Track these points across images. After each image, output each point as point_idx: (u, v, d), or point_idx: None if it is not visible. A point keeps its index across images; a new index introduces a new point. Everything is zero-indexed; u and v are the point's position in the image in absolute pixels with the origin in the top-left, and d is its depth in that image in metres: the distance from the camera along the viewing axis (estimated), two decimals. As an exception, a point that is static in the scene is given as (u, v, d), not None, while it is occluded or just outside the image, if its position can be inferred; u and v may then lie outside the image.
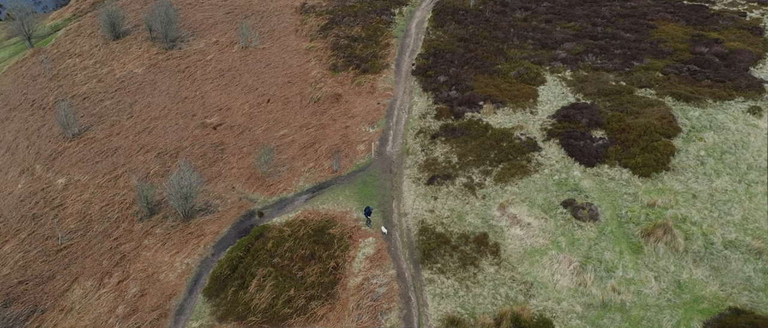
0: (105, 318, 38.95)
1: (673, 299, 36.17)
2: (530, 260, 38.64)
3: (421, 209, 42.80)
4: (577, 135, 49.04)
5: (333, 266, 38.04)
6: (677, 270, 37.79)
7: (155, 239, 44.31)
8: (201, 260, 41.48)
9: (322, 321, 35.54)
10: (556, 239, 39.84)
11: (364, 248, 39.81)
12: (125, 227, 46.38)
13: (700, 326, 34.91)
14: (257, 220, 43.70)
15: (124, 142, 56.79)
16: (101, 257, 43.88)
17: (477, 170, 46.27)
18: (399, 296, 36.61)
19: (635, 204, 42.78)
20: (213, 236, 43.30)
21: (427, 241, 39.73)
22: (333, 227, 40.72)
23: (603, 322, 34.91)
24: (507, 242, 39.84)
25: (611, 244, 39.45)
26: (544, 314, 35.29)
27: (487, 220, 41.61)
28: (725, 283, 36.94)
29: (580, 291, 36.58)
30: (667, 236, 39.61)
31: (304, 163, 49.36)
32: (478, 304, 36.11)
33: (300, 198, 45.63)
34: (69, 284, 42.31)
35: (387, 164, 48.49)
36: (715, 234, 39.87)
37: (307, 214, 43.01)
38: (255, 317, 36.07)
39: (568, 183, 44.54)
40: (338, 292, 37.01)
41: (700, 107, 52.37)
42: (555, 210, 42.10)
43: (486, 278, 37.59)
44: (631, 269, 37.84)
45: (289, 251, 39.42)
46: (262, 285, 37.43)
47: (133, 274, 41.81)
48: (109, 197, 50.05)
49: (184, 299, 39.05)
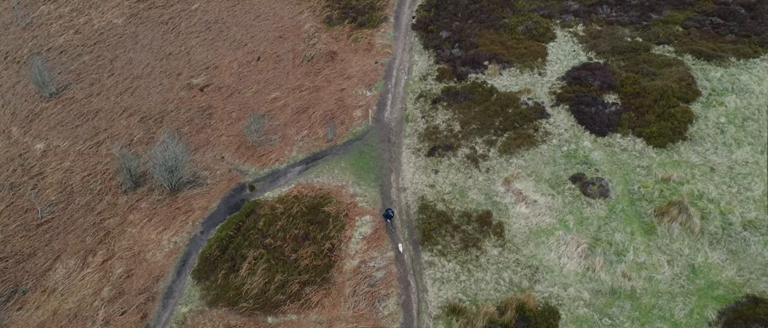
0: (90, 301, 37.78)
1: (686, 285, 34.82)
2: (536, 241, 37.04)
3: (421, 184, 40.82)
4: (588, 100, 46.38)
5: (328, 247, 36.47)
6: (692, 253, 36.25)
7: (141, 214, 42.58)
8: (189, 238, 39.90)
9: (316, 308, 34.34)
10: (564, 218, 38.10)
11: (360, 226, 38.14)
12: (109, 200, 44.53)
13: (714, 315, 33.68)
14: (248, 194, 41.80)
15: (105, 104, 54.07)
16: (84, 232, 42.29)
17: (480, 140, 43.95)
18: (397, 280, 35.27)
19: (649, 178, 40.76)
20: (201, 211, 41.52)
21: (428, 220, 38.00)
22: (328, 204, 38.86)
23: (611, 311, 33.69)
24: (511, 220, 38.11)
25: (622, 224, 37.73)
26: (550, 301, 34.04)
27: (490, 196, 39.72)
28: (743, 268, 35.48)
29: (588, 276, 35.18)
30: (682, 216, 37.84)
31: (298, 130, 46.92)
32: (480, 290, 34.79)
33: (293, 170, 43.54)
34: (51, 262, 40.93)
35: (385, 132, 46.09)
36: (734, 213, 38.07)
37: (300, 188, 41.05)
38: (246, 302, 34.82)
39: (578, 155, 42.35)
40: (334, 276, 35.60)
41: (723, 67, 49.34)
42: (563, 185, 40.12)
43: (489, 261, 36.10)
44: (643, 252, 36.28)
45: (282, 230, 37.72)
46: (253, 268, 35.95)
47: (119, 252, 40.34)
48: (90, 165, 47.96)
49: (173, 281, 37.75)
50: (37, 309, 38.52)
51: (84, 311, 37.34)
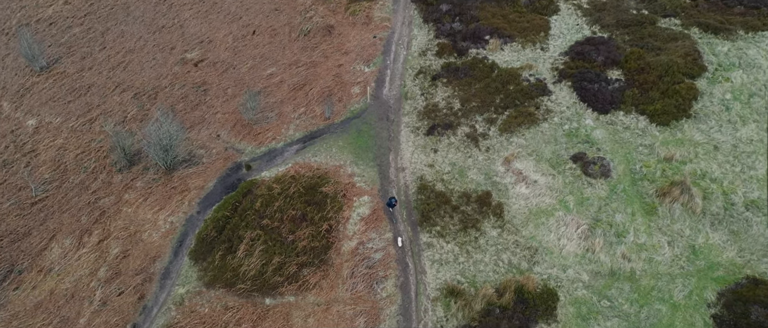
0: (86, 281, 38.03)
1: (686, 266, 35.05)
2: (535, 222, 37.13)
3: (420, 164, 40.69)
4: (591, 76, 45.95)
5: (326, 228, 36.57)
6: (693, 234, 36.39)
7: (136, 194, 42.55)
8: (186, 219, 39.97)
9: (314, 290, 34.60)
10: (564, 199, 38.12)
11: (358, 207, 38.17)
12: (103, 178, 44.44)
13: (713, 296, 34.02)
14: (244, 173, 41.70)
15: (98, 79, 53.50)
16: (79, 212, 42.32)
17: (481, 118, 43.67)
18: (396, 262, 35.46)
19: (651, 158, 40.67)
20: (198, 191, 41.50)
21: (426, 200, 38.01)
22: (326, 185, 38.81)
23: (610, 292, 33.99)
24: (511, 201, 38.13)
25: (623, 204, 37.77)
26: (549, 283, 34.30)
27: (490, 176, 39.66)
28: (744, 249, 35.66)
29: (587, 258, 35.38)
30: (684, 196, 37.84)
31: (294, 108, 46.56)
32: (479, 271, 35.02)
33: (290, 149, 43.35)
34: (46, 241, 41.05)
35: (384, 110, 45.75)
36: (737, 193, 38.07)
37: (297, 168, 40.94)
38: (244, 284, 35.07)
39: (579, 134, 42.14)
40: (332, 257, 35.79)
41: (730, 40, 48.73)
42: (563, 165, 40.03)
43: (488, 242, 36.25)
44: (644, 233, 36.41)
45: (279, 211, 37.76)
46: (250, 250, 36.12)
47: (115, 232, 40.45)
48: (84, 143, 47.73)
49: (170, 262, 37.95)
50: (33, 289, 38.79)
51: (81, 292, 37.61)
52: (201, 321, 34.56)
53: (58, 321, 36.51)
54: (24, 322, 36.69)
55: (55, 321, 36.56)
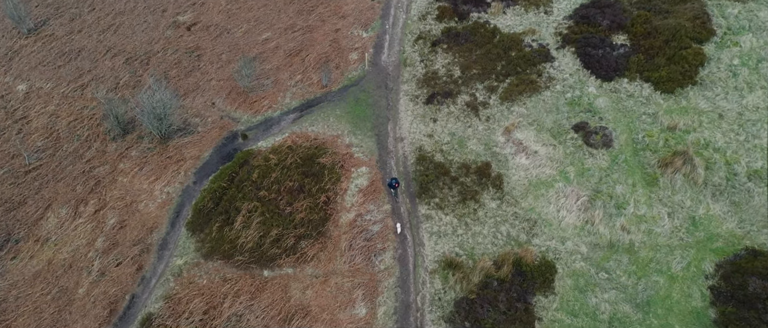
0: (84, 251, 38.55)
1: (685, 238, 35.45)
2: (535, 193, 37.38)
3: (418, 134, 40.66)
4: (595, 42, 45.41)
5: (323, 200, 36.84)
6: (693, 205, 36.67)
7: (131, 163, 42.69)
8: (182, 189, 40.23)
9: (312, 262, 35.13)
10: (565, 170, 38.27)
11: (356, 178, 38.35)
12: (97, 147, 44.51)
13: (711, 267, 34.50)
14: (241, 143, 41.73)
15: (88, 43, 52.88)
16: (74, 181, 42.55)
17: (481, 86, 43.39)
18: (394, 234, 35.81)
19: (654, 127, 40.60)
20: (193, 161, 41.62)
21: (425, 171, 38.16)
22: (323, 155, 38.88)
23: (608, 264, 34.51)
24: (511, 172, 38.29)
25: (624, 175, 37.93)
26: (547, 255, 34.78)
27: (490, 146, 39.69)
28: (744, 219, 35.97)
29: (586, 230, 35.77)
30: (686, 167, 37.96)
31: (291, 75, 46.17)
32: (477, 244, 35.48)
33: (287, 118, 43.23)
34: (42, 211, 41.42)
35: (382, 78, 45.40)
36: (740, 162, 38.15)
37: (294, 137, 40.93)
38: (242, 256, 35.59)
39: (582, 102, 41.95)
40: (329, 229, 36.19)
41: (741, 2, 47.88)
42: (565, 135, 40.02)
43: (487, 214, 36.59)
44: (644, 204, 36.69)
45: (276, 182, 37.96)
46: (248, 222, 36.48)
47: (111, 202, 40.77)
48: (76, 110, 47.58)
49: (167, 233, 38.39)
50: (31, 258, 39.36)
51: (79, 262, 38.18)
52: (199, 292, 35.19)
53: (56, 291, 37.17)
54: (23, 291, 37.37)
55: (53, 291, 37.22)
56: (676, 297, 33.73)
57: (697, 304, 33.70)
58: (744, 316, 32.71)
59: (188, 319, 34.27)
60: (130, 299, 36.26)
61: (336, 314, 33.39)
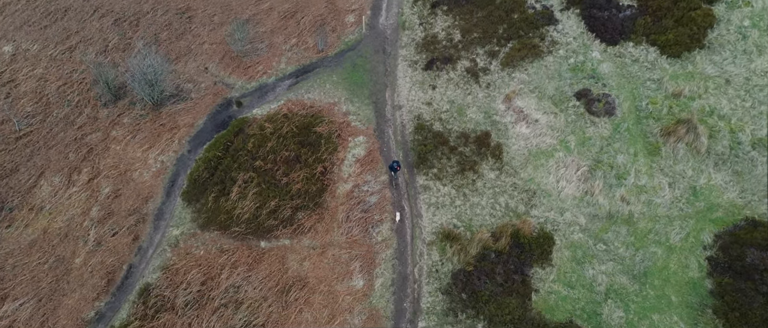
0: (79, 220, 39.07)
1: (685, 208, 35.94)
2: (535, 163, 37.66)
3: (417, 101, 40.60)
4: (601, 3, 44.76)
5: (320, 171, 37.14)
6: (695, 175, 37.01)
7: (124, 130, 42.75)
8: (176, 158, 40.45)
9: (309, 233, 35.72)
10: (565, 139, 38.43)
11: (353, 148, 38.55)
12: (89, 113, 44.44)
13: (710, 238, 35.11)
14: (235, 110, 41.71)
15: (74, 2, 52.00)
16: (66, 148, 42.71)
17: (482, 51, 43.02)
18: (392, 205, 36.38)
19: (658, 93, 40.53)
20: (187, 129, 41.68)
21: (423, 141, 38.31)
22: (320, 124, 38.93)
23: (607, 236, 35.11)
24: (510, 141, 38.46)
25: (626, 144, 38.13)
26: (545, 226, 35.35)
27: (490, 115, 39.71)
28: (746, 189, 36.35)
29: (585, 201, 36.22)
30: (690, 135, 38.12)
31: (286, 38, 45.66)
32: (475, 215, 35.99)
33: (282, 84, 43.03)
34: (35, 179, 41.73)
35: (380, 42, 44.93)
36: (745, 130, 38.27)
37: (290, 105, 40.88)
38: (238, 227, 36.14)
39: (585, 68, 41.71)
40: (326, 200, 36.63)
41: (754, -41, 46.80)
42: (567, 102, 39.99)
43: (485, 185, 36.97)
44: (645, 174, 37.03)
45: (272, 152, 38.17)
46: (244, 193, 36.88)
47: (104, 171, 41.05)
48: (65, 74, 47.25)
49: (162, 203, 38.83)
50: (26, 227, 39.91)
51: (74, 231, 38.76)
52: (197, 263, 35.90)
53: (53, 260, 37.86)
54: (19, 260, 38.07)
55: (50, 260, 37.91)
56: (674, 268, 34.47)
57: (694, 275, 34.47)
58: (740, 287, 33.50)
59: (186, 290, 35.07)
60: (127, 269, 36.99)
61: (333, 285, 34.18)
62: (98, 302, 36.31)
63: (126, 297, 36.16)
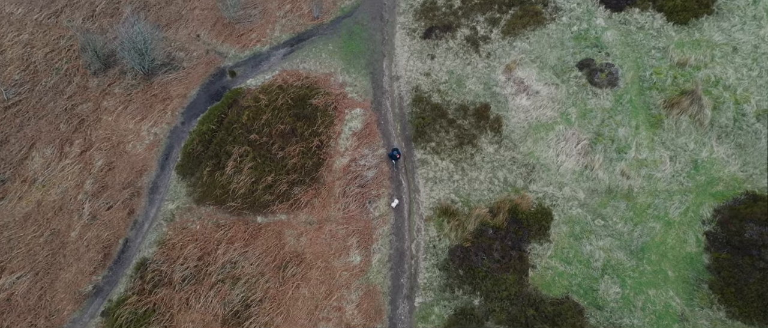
0: (73, 194, 39.68)
1: (685, 182, 36.50)
2: (535, 137, 38.03)
3: (415, 72, 40.61)
4: (608, -34, 44.15)
5: (316, 144, 37.52)
6: (697, 148, 37.43)
7: (115, 101, 42.90)
8: (170, 130, 40.76)
9: (306, 208, 36.39)
10: (566, 111, 38.68)
11: (350, 121, 38.82)
12: (78, 82, 44.48)
13: (709, 212, 35.79)
14: (229, 81, 41.75)
15: (59, -36, 51.13)
16: (57, 119, 42.97)
17: (483, 18, 42.75)
18: (389, 180, 36.90)
19: (663, 63, 40.53)
20: (180, 99, 41.82)
21: (422, 113, 38.56)
22: (316, 96, 39.08)
23: (605, 211, 35.79)
24: (510, 114, 38.73)
25: (627, 117, 38.41)
26: (544, 201, 35.99)
27: (490, 86, 39.82)
28: (748, 162, 36.80)
29: (585, 175, 36.75)
30: (693, 107, 38.34)
31: (280, 4, 45.22)
32: (473, 190, 36.59)
33: (276, 53, 42.91)
34: (27, 150, 42.14)
35: (377, 7, 44.54)
36: (750, 101, 38.48)
37: (285, 76, 40.91)
38: (234, 202, 36.76)
39: (589, 36, 41.57)
40: (323, 175, 37.16)
41: None
42: (569, 73, 40.03)
43: (484, 159, 37.44)
44: (646, 147, 37.45)
45: (267, 125, 38.46)
46: (239, 167, 37.38)
47: (97, 143, 41.43)
48: (52, 40, 47.02)
49: (157, 176, 39.36)
50: (20, 200, 40.54)
51: (69, 204, 39.41)
52: (193, 238, 36.68)
53: (49, 234, 38.64)
54: (15, 233, 38.85)
55: (46, 233, 38.70)
56: (671, 243, 35.30)
57: (692, 250, 35.33)
58: (738, 263, 34.38)
59: (183, 265, 35.97)
60: (123, 243, 37.82)
61: (330, 261, 35.06)
62: (95, 276, 37.26)
63: (123, 271, 37.07)
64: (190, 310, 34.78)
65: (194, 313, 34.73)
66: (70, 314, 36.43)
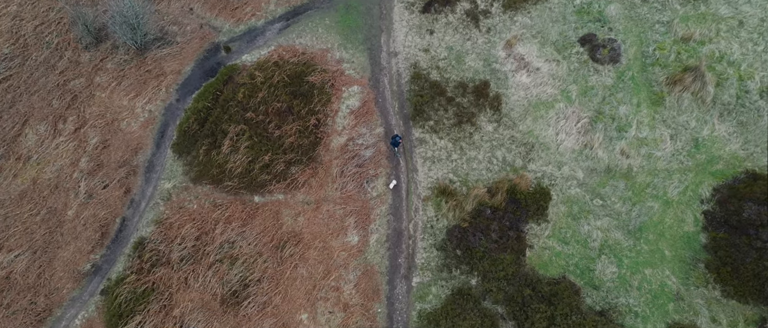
0: (68, 172, 40.38)
1: (685, 161, 37.12)
2: (534, 115, 38.51)
3: (414, 47, 40.79)
4: (613, -64, 43.81)
5: (313, 123, 38.03)
6: (698, 126, 37.94)
7: (108, 77, 43.19)
8: (165, 107, 41.17)
9: (303, 188, 37.13)
10: (567, 89, 39.05)
11: (347, 98, 39.22)
12: (70, 56, 44.68)
13: (708, 191, 36.55)
14: (224, 57, 41.96)
15: (46, -70, 50.61)
16: (49, 94, 43.34)
17: (484, -9, 42.66)
18: (387, 159, 37.51)
19: (667, 38, 40.71)
20: (174, 76, 42.11)
21: (420, 91, 38.93)
22: (312, 74, 39.37)
23: (604, 190, 36.55)
24: (510, 91, 39.10)
25: (629, 94, 38.81)
26: (542, 181, 36.72)
27: (489, 62, 40.08)
28: (749, 141, 37.31)
29: (584, 154, 37.37)
30: (696, 84, 38.69)
31: (274, -25, 45.05)
32: (472, 170, 37.26)
33: (272, 28, 42.99)
34: (19, 126, 42.66)
35: (375, -21, 44.39)
36: (754, 78, 38.79)
37: (281, 51, 41.11)
38: (231, 181, 37.48)
39: (591, 10, 41.63)
40: (320, 154, 37.78)
41: None
42: (570, 49, 40.25)
43: (483, 138, 38.00)
44: (647, 126, 37.98)
45: (263, 103, 38.88)
46: (235, 146, 37.95)
47: (91, 120, 41.91)
48: (41, 12, 46.99)
49: (152, 155, 39.97)
50: (15, 177, 41.27)
51: (64, 183, 40.15)
52: (190, 218, 37.53)
53: (45, 212, 39.50)
54: (11, 211, 39.71)
55: (42, 212, 39.55)
56: (669, 223, 36.16)
57: (690, 229, 36.23)
58: (735, 242, 35.30)
59: (181, 245, 36.90)
60: (120, 222, 38.69)
61: (328, 241, 35.98)
62: (94, 255, 38.25)
63: (121, 251, 38.03)
64: (189, 289, 35.84)
65: (193, 292, 35.80)
66: (70, 292, 37.52)
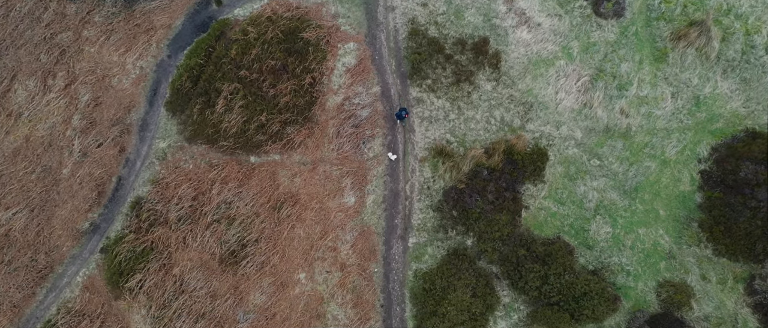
0: (61, 129, 41.62)
1: (685, 120, 38.35)
2: (534, 73, 39.40)
3: (411, 2, 41.12)
4: None
5: (309, 82, 38.94)
6: (701, 83, 38.91)
7: (96, 30, 43.65)
8: (156, 63, 41.90)
9: (300, 149, 38.51)
10: (568, 45, 39.75)
11: (343, 56, 39.98)
12: (55, 8, 44.92)
13: (706, 150, 38.05)
14: (215, 10, 42.31)
15: None
16: (36, 49, 43.95)
17: (485, -61, 42.53)
18: (383, 119, 38.71)
19: (674, -11, 41.05)
20: (164, 30, 42.60)
21: (418, 48, 39.62)
22: (307, 29, 39.93)
23: (601, 150, 37.98)
24: (510, 49, 39.82)
25: (632, 51, 39.55)
26: (540, 141, 38.08)
27: (489, 18, 40.57)
28: (751, 98, 38.41)
29: (583, 114, 38.55)
30: (701, 39, 39.32)
31: None
32: (469, 130, 38.53)
33: (264, -22, 43.08)
34: (8, 82, 43.50)
35: (371, -74, 44.03)
36: (761, 32, 39.40)
37: (274, 5, 41.44)
38: (226, 141, 38.80)
39: (597, -40, 41.68)
40: (316, 114, 38.93)
41: None
42: (573, 2, 40.62)
43: (481, 97, 39.05)
44: (648, 84, 38.95)
45: (257, 60, 39.65)
46: (229, 105, 39.03)
47: (81, 76, 42.72)
48: (23, -41, 46.80)
49: (145, 113, 41.09)
50: (7, 134, 42.56)
51: (58, 141, 41.48)
52: (186, 177, 39.09)
53: (40, 170, 41.04)
54: (6, 169, 41.25)
55: (37, 170, 41.10)
56: (665, 182, 37.83)
57: (685, 189, 37.95)
58: (730, 202, 37.10)
59: (178, 205, 38.63)
60: (116, 181, 40.29)
61: (325, 202, 37.69)
62: (91, 214, 40.07)
63: (118, 209, 39.81)
64: (188, 249, 37.82)
65: (192, 252, 37.80)
66: (70, 249, 39.55)
